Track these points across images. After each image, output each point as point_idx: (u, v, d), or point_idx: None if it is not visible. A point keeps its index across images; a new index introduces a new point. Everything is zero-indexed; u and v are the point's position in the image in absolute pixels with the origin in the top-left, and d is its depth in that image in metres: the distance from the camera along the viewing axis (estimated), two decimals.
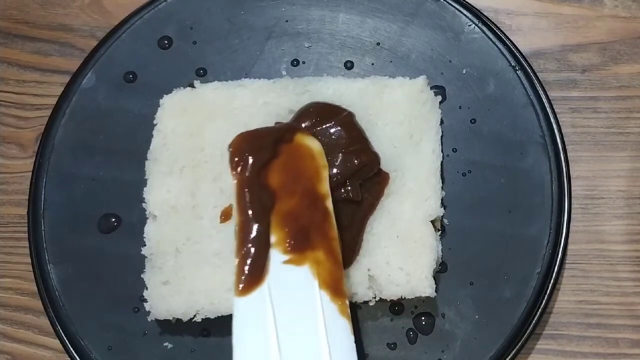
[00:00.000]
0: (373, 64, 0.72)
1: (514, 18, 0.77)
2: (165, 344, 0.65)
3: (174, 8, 0.73)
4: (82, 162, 0.69)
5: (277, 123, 0.66)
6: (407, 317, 0.66)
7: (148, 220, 0.66)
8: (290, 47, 0.72)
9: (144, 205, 0.66)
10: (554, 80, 0.75)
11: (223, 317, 0.63)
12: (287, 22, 0.73)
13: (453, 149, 0.69)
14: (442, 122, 0.69)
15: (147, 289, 0.64)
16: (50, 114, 0.70)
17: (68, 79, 0.72)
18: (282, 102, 0.68)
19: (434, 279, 0.64)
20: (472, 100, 0.70)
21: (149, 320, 0.64)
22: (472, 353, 0.64)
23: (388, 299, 0.64)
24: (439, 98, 0.69)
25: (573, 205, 0.68)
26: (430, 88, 0.69)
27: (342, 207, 0.64)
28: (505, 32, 0.71)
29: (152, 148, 0.68)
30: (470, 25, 0.71)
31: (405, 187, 0.66)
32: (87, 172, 0.69)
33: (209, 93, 0.69)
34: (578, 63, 0.76)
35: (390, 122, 0.67)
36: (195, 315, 0.64)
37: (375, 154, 0.66)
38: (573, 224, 0.67)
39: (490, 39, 0.71)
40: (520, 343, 0.64)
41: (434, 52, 0.71)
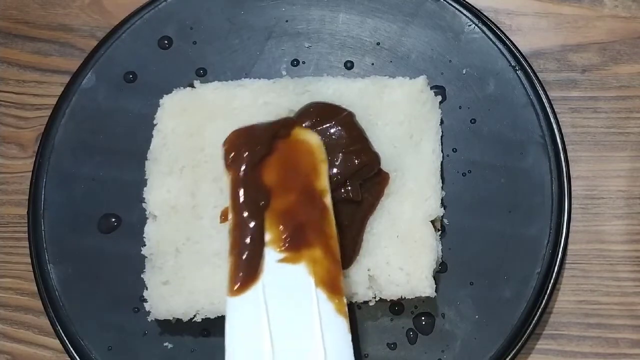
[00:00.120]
0: (373, 64, 0.72)
1: (514, 18, 0.77)
2: (165, 344, 0.65)
3: (174, 8, 0.73)
4: (82, 162, 0.69)
5: None
6: (407, 317, 0.66)
7: (148, 220, 0.66)
8: (290, 47, 0.72)
9: (144, 205, 0.66)
10: (554, 80, 0.75)
11: (223, 317, 0.62)
12: (287, 22, 0.73)
13: (453, 149, 0.69)
14: (442, 122, 0.69)
15: (147, 289, 0.64)
16: (50, 114, 0.70)
17: (68, 79, 0.72)
18: (282, 102, 0.68)
19: (434, 279, 0.64)
20: (472, 100, 0.70)
21: (149, 320, 0.64)
22: (472, 353, 0.64)
23: (388, 299, 0.64)
24: (439, 98, 0.69)
25: (573, 205, 0.68)
26: (430, 88, 0.69)
27: (342, 207, 0.63)
28: (505, 32, 0.71)
29: (152, 148, 0.68)
30: (470, 25, 0.71)
31: (405, 187, 0.66)
32: (87, 172, 0.69)
33: (209, 93, 0.68)
34: (578, 63, 0.76)
35: (390, 122, 0.67)
36: (195, 315, 0.64)
37: (376, 154, 0.66)
38: (573, 224, 0.67)
39: (490, 39, 0.71)
40: (520, 343, 0.64)
41: (434, 52, 0.71)
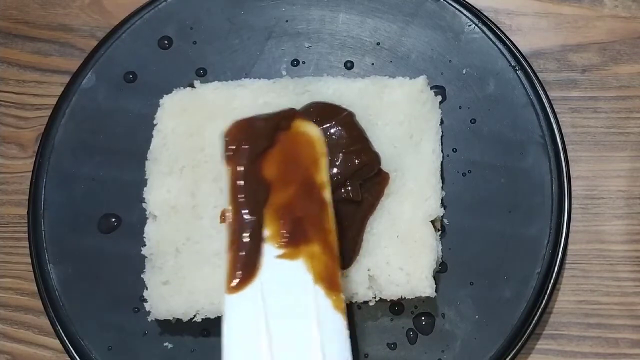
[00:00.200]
0: (373, 64, 0.72)
1: (514, 18, 0.77)
2: (165, 344, 0.65)
3: (174, 8, 0.73)
4: (82, 162, 0.69)
5: None
6: (407, 317, 0.66)
7: (148, 220, 0.66)
8: (290, 47, 0.72)
9: (144, 205, 0.66)
10: (554, 80, 0.75)
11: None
12: (287, 22, 0.73)
13: (453, 149, 0.69)
14: (442, 122, 0.69)
15: (147, 289, 0.64)
16: (50, 114, 0.70)
17: (68, 79, 0.72)
18: (282, 102, 0.68)
19: (434, 279, 0.63)
20: (472, 100, 0.70)
21: (149, 320, 0.64)
22: (472, 353, 0.64)
23: (388, 299, 0.64)
24: (439, 98, 0.69)
25: (573, 205, 0.68)
26: (430, 88, 0.69)
27: (342, 207, 0.63)
28: (505, 32, 0.71)
29: (152, 148, 0.67)
30: (470, 25, 0.71)
31: (405, 187, 0.66)
32: (87, 172, 0.69)
33: (209, 93, 0.68)
34: (578, 63, 0.76)
35: (390, 122, 0.67)
36: (195, 315, 0.64)
37: (376, 154, 0.66)
38: (573, 224, 0.67)
39: (490, 39, 0.71)
40: (520, 343, 0.64)
41: (434, 52, 0.71)
